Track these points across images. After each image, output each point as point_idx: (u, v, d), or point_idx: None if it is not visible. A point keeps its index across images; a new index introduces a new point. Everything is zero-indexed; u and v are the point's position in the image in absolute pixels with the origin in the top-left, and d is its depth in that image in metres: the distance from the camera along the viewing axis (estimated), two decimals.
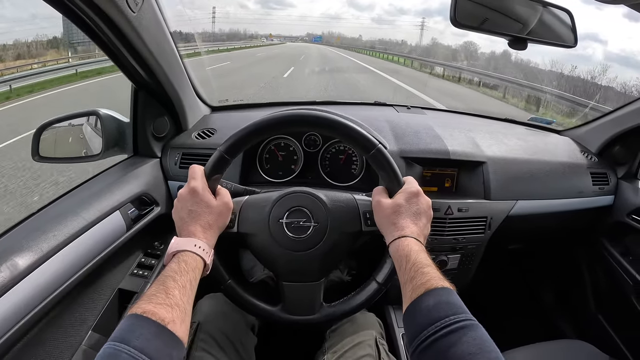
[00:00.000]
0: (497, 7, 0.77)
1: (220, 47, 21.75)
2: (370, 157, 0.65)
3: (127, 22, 0.65)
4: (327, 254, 0.68)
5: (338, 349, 0.75)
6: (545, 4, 0.81)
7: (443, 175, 1.03)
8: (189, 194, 0.61)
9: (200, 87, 1.10)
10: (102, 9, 0.60)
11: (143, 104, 0.91)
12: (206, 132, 1.03)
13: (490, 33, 0.78)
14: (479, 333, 0.45)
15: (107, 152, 0.89)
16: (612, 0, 0.71)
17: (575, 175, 1.11)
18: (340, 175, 1.02)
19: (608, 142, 1.18)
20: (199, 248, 0.57)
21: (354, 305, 0.70)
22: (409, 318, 0.51)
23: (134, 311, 0.45)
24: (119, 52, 0.73)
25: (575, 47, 0.84)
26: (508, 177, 1.02)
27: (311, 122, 0.66)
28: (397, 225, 0.60)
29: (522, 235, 1.20)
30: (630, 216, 1.11)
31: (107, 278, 0.81)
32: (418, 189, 0.65)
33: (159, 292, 0.49)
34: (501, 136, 1.14)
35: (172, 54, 0.86)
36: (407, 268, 0.54)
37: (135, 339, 0.42)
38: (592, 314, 1.26)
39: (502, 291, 1.52)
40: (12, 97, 7.64)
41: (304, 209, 0.68)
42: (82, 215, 0.70)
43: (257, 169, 1.01)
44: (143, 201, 0.87)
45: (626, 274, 1.10)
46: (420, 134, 1.04)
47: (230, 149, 0.64)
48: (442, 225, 0.95)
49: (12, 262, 0.56)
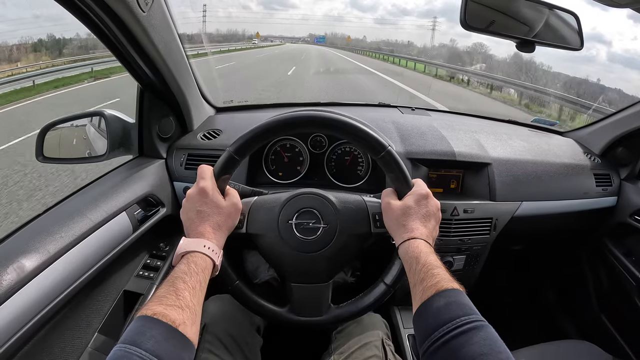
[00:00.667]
0: (505, 9, 0.77)
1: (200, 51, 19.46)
2: (379, 159, 0.65)
3: (137, 22, 0.64)
4: (335, 255, 0.68)
5: (344, 350, 0.75)
6: (552, 7, 0.81)
7: (449, 177, 1.03)
8: (198, 194, 0.61)
9: (205, 87, 1.10)
10: (112, 8, 0.59)
11: (149, 105, 0.91)
12: (212, 133, 1.02)
13: (498, 35, 0.78)
14: (490, 333, 0.45)
15: (112, 152, 0.89)
16: (618, 4, 0.71)
17: (579, 176, 1.11)
18: (346, 176, 1.02)
19: (611, 144, 1.19)
20: (209, 249, 0.57)
21: (362, 307, 0.70)
22: (419, 319, 0.51)
23: (144, 313, 0.45)
24: (126, 51, 0.73)
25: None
26: (513, 179, 1.02)
27: (320, 123, 0.66)
28: (407, 227, 0.60)
29: (526, 236, 1.20)
30: (633, 217, 1.11)
31: (113, 280, 0.80)
32: (427, 191, 0.65)
33: (169, 293, 0.48)
34: (506, 137, 1.15)
35: (179, 54, 0.85)
36: (417, 269, 0.55)
37: (146, 342, 0.41)
38: (595, 314, 1.27)
39: (506, 292, 1.52)
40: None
41: (314, 211, 0.68)
42: (89, 216, 0.70)
43: (263, 170, 1.01)
44: (149, 202, 0.87)
45: (629, 274, 1.10)
46: (426, 136, 1.04)
47: (239, 149, 0.63)
48: (448, 227, 0.96)
49: (19, 264, 0.56)
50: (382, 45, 50.09)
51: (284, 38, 68.87)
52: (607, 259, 1.19)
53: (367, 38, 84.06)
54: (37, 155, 0.86)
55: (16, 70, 9.89)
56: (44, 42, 14.28)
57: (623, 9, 0.75)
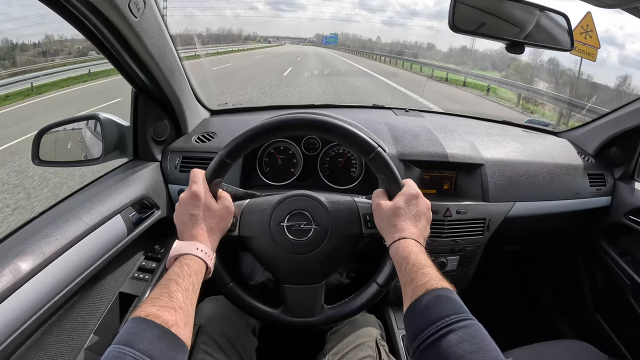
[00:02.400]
0: (495, 11, 0.77)
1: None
2: (369, 160, 0.66)
3: (129, 27, 0.65)
4: (328, 256, 0.69)
5: (339, 351, 0.76)
6: (542, 8, 0.82)
7: (442, 178, 1.04)
8: (191, 198, 0.62)
9: (200, 90, 1.11)
10: (104, 15, 0.60)
11: (143, 108, 0.91)
12: (206, 136, 1.03)
13: (488, 37, 0.79)
14: (479, 332, 0.45)
15: (107, 155, 0.90)
16: (608, 5, 0.72)
17: (573, 176, 1.12)
18: (340, 178, 1.03)
19: (605, 144, 1.19)
20: (201, 251, 0.58)
21: (355, 307, 0.71)
22: (409, 318, 0.52)
23: (138, 314, 0.46)
24: (120, 56, 0.74)
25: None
26: (506, 179, 1.03)
27: (311, 125, 0.67)
28: (397, 227, 0.61)
29: (520, 237, 1.21)
30: (628, 217, 1.12)
31: (108, 281, 0.81)
32: (417, 191, 0.65)
33: (162, 295, 0.49)
34: (499, 138, 1.15)
35: (172, 58, 0.86)
36: (407, 269, 0.55)
37: (139, 342, 0.42)
38: (590, 314, 1.27)
39: (501, 292, 1.52)
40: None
41: (305, 212, 0.69)
42: (84, 218, 0.70)
43: (257, 172, 1.02)
44: (144, 205, 0.88)
45: (624, 274, 1.11)
46: (419, 137, 1.05)
47: (231, 153, 0.64)
48: (440, 227, 0.96)
49: (14, 266, 0.57)
50: (397, 47, 38.92)
51: (279, 38, 60.51)
52: (601, 258, 1.20)
53: (381, 39, 74.64)
54: (33, 158, 0.86)
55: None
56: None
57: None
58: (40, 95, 8.46)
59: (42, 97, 8.31)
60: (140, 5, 0.64)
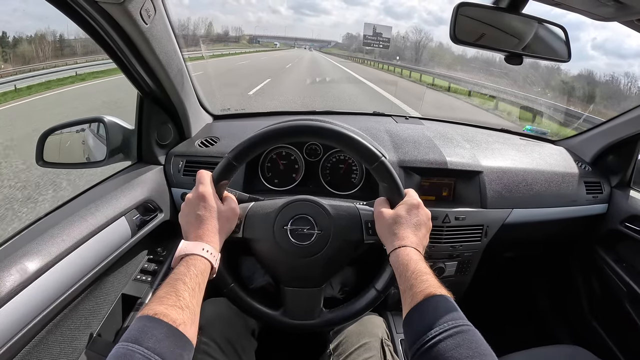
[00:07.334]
0: (495, 23, 0.79)
1: None
2: (373, 169, 0.67)
3: (140, 34, 0.67)
4: (329, 260, 0.70)
5: (344, 351, 0.77)
6: (541, 21, 0.83)
7: (441, 185, 1.05)
8: (197, 199, 0.62)
9: (203, 95, 1.12)
10: (117, 22, 0.61)
11: (148, 112, 0.92)
12: (209, 141, 1.04)
13: (487, 49, 0.80)
14: (476, 337, 0.47)
15: (111, 158, 0.90)
16: (606, 18, 0.74)
17: (570, 184, 1.13)
18: (341, 184, 1.04)
19: (602, 152, 1.21)
20: (207, 252, 0.58)
21: (353, 312, 0.71)
22: (408, 324, 0.53)
23: (146, 313, 0.46)
24: (129, 62, 0.75)
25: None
26: (504, 186, 1.04)
27: (317, 132, 0.68)
28: (398, 235, 0.62)
29: (517, 243, 1.22)
30: (624, 224, 1.13)
31: (111, 283, 0.82)
32: (419, 201, 0.67)
33: (170, 294, 0.50)
34: (497, 146, 1.17)
35: (179, 64, 0.88)
36: (406, 276, 0.56)
37: (147, 340, 0.43)
38: (587, 320, 1.28)
39: (498, 298, 1.53)
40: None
41: (308, 217, 0.70)
42: (89, 220, 0.71)
43: (260, 177, 1.03)
44: (147, 208, 0.89)
45: (620, 280, 1.12)
46: (419, 145, 1.06)
47: (238, 156, 0.65)
48: (439, 233, 0.97)
49: (21, 266, 0.57)
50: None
51: (278, 38, 59.99)
52: (598, 265, 1.21)
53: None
54: (37, 159, 0.87)
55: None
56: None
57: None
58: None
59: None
60: (150, 12, 0.66)
